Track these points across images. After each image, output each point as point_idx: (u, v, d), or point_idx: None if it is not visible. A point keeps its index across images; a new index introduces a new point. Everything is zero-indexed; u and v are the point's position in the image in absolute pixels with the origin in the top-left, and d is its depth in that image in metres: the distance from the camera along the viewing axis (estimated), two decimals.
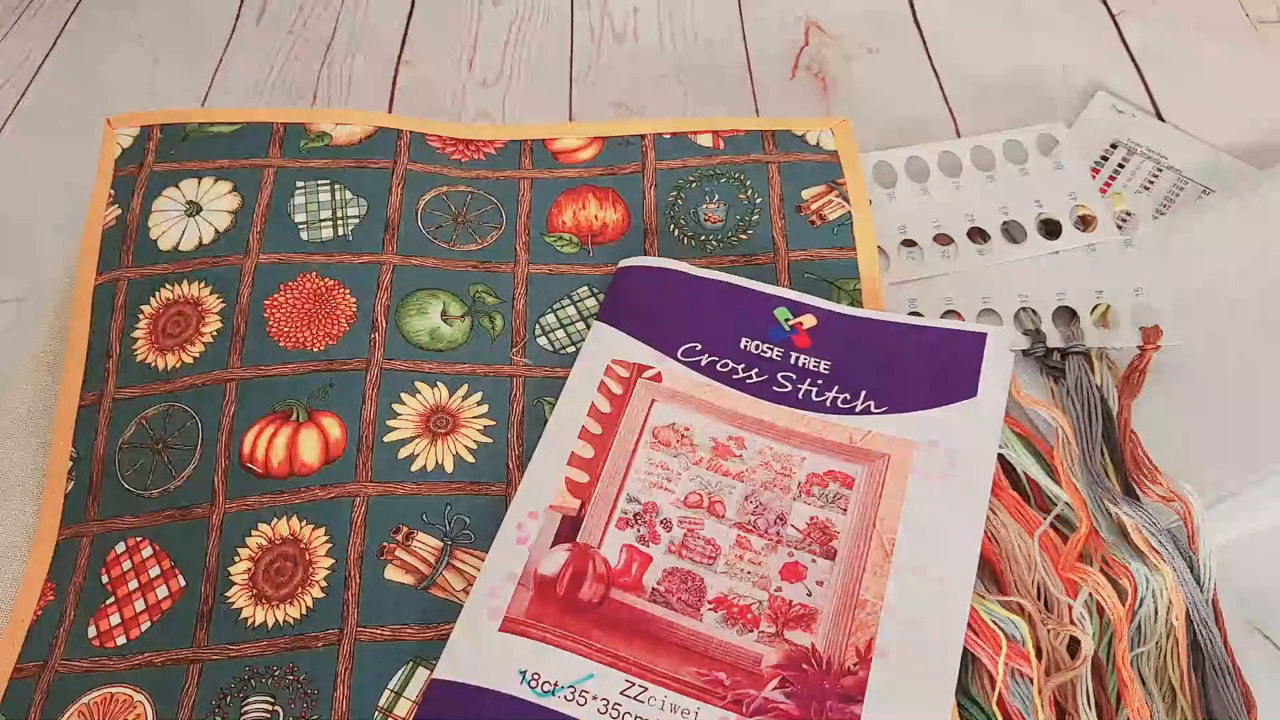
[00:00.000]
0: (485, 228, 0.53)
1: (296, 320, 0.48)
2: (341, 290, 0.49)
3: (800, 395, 0.46)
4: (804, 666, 0.39)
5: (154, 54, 0.66)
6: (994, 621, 0.39)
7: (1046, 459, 0.45)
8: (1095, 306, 0.50)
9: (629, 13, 0.69)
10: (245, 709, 0.39)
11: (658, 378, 0.47)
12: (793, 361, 0.47)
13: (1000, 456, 0.44)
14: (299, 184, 0.53)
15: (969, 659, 0.39)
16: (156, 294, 0.49)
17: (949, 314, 0.51)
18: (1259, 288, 0.50)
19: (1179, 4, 0.67)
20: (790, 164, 0.55)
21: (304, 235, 0.51)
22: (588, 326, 0.50)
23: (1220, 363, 0.48)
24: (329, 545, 0.42)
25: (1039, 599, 0.41)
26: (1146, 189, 0.56)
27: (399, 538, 0.43)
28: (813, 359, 0.47)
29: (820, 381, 0.46)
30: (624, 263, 0.51)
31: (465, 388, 0.47)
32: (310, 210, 0.52)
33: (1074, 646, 0.40)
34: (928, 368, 0.46)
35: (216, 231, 0.51)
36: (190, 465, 0.45)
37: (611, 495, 0.43)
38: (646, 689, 0.38)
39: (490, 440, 0.46)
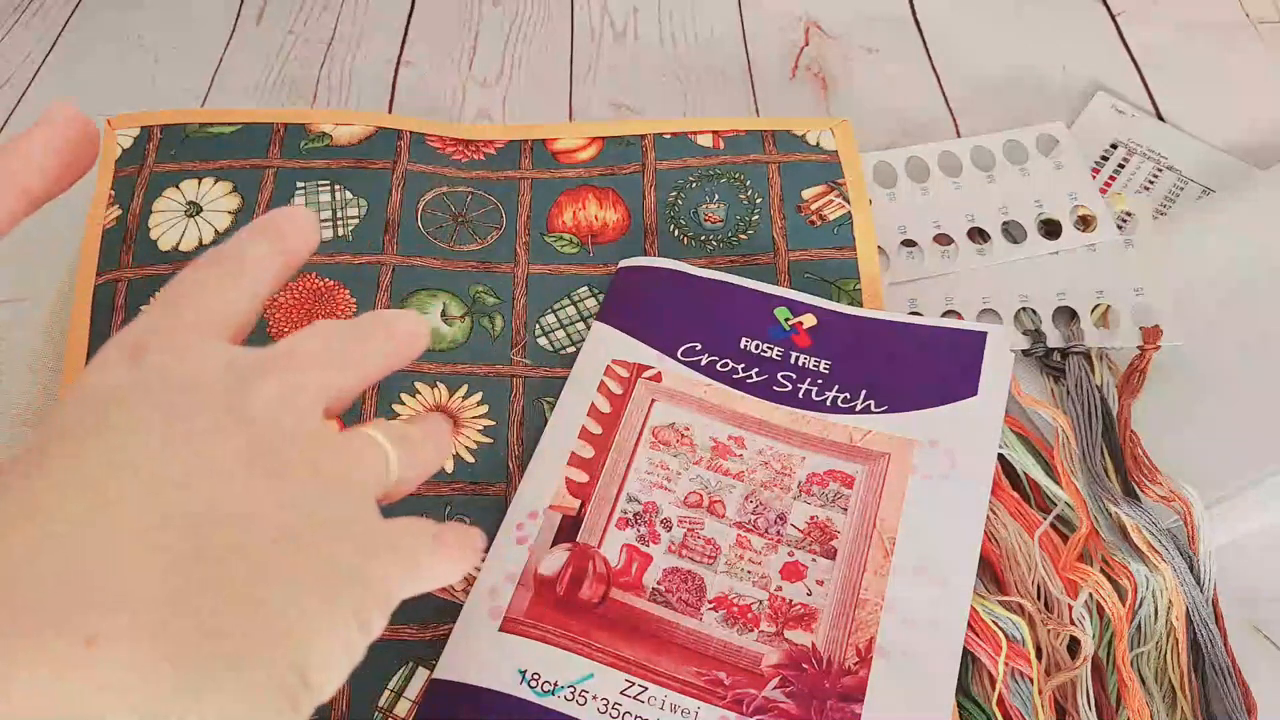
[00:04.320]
0: (485, 228, 0.53)
1: (297, 321, 0.48)
2: (342, 291, 0.49)
3: (800, 395, 0.46)
4: (804, 666, 0.39)
5: (154, 54, 0.66)
6: (994, 621, 0.39)
7: (1046, 459, 0.45)
8: (1095, 306, 0.50)
9: (629, 12, 0.69)
10: None
11: (658, 378, 0.47)
12: (793, 361, 0.47)
13: (1000, 456, 0.44)
14: (299, 184, 0.53)
15: (969, 659, 0.39)
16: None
17: (949, 314, 0.51)
18: (1259, 288, 0.50)
19: (1179, 4, 0.67)
20: (790, 164, 0.55)
21: None
22: (588, 326, 0.49)
23: (1220, 363, 0.48)
24: None
25: (1039, 599, 0.41)
26: (1146, 189, 0.56)
27: None
28: (813, 359, 0.47)
29: (820, 381, 0.46)
30: (624, 263, 0.51)
31: (465, 388, 0.47)
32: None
33: (1074, 646, 0.40)
34: (928, 367, 0.46)
35: (217, 232, 0.51)
36: None
37: (611, 495, 0.43)
38: (646, 689, 0.38)
39: (490, 440, 0.46)
